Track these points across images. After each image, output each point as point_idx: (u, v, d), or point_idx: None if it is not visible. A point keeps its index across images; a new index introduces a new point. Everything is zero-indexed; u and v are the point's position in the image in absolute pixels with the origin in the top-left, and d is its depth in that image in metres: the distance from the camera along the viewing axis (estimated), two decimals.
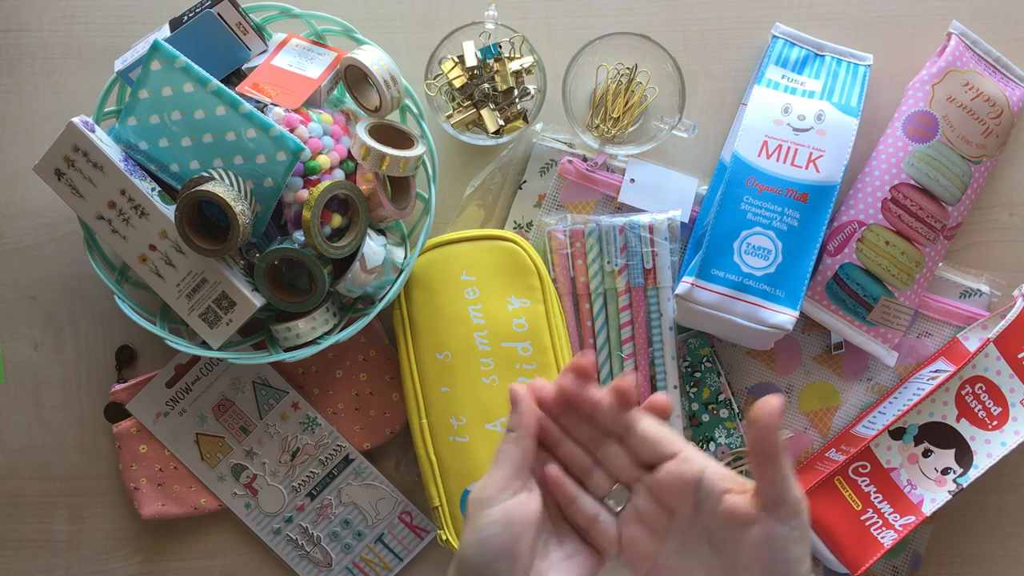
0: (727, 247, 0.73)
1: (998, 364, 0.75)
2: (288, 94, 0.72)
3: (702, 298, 0.73)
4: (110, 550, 0.83)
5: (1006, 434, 0.75)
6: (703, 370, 0.79)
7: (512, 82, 0.78)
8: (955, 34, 0.79)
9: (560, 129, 0.81)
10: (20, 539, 0.82)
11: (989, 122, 0.78)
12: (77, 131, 0.70)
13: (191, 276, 0.72)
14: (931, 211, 0.76)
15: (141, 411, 0.80)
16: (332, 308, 0.75)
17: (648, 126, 0.81)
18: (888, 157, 0.77)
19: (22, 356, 0.82)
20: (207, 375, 0.80)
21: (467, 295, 0.77)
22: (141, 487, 0.80)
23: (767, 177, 0.74)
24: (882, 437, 0.75)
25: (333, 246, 0.70)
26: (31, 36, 0.83)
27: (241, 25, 0.73)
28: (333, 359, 0.81)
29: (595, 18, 0.83)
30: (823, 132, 0.75)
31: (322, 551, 0.81)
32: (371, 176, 0.72)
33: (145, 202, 0.71)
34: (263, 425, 0.81)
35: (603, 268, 0.79)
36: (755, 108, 0.76)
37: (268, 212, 0.71)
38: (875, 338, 0.77)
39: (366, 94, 0.76)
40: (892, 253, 0.76)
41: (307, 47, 0.76)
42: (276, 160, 0.69)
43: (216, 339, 0.73)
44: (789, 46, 0.80)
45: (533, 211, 0.81)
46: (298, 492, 0.81)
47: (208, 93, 0.69)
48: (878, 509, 0.75)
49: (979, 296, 0.80)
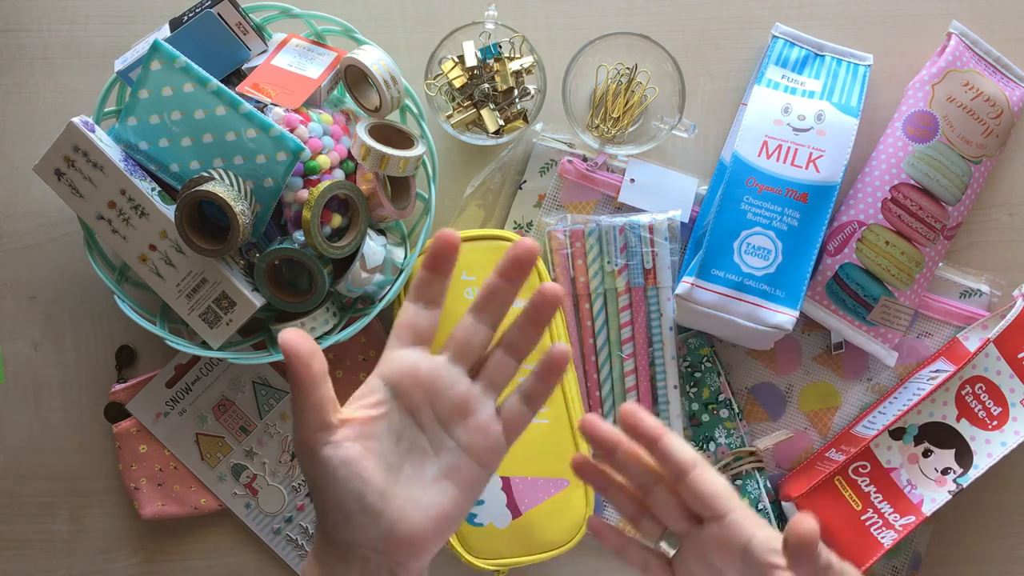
0: (727, 247, 0.73)
1: (998, 364, 0.75)
2: (288, 94, 0.72)
3: (702, 298, 0.73)
4: (110, 550, 0.83)
5: (1006, 434, 0.75)
6: (703, 370, 0.79)
7: (512, 82, 0.78)
8: (955, 34, 0.79)
9: (560, 129, 0.81)
10: (20, 539, 0.82)
11: (989, 122, 0.78)
12: (77, 131, 0.70)
13: (191, 276, 0.72)
14: (931, 211, 0.76)
15: (141, 411, 0.80)
16: (332, 308, 0.75)
17: (648, 126, 0.81)
18: (888, 157, 0.77)
19: (22, 356, 0.82)
20: (207, 375, 0.80)
21: (467, 295, 0.77)
22: (141, 487, 0.80)
23: (767, 177, 0.74)
24: (882, 437, 0.75)
25: (333, 246, 0.70)
26: (31, 36, 0.83)
27: (241, 25, 0.73)
28: (333, 359, 0.81)
29: (595, 18, 0.83)
30: (823, 132, 0.75)
31: None
32: (371, 176, 0.72)
33: (145, 202, 0.71)
34: (263, 425, 0.81)
35: (603, 268, 0.79)
36: (755, 108, 0.76)
37: (268, 212, 0.71)
38: (875, 338, 0.77)
39: (366, 94, 0.76)
40: (892, 253, 0.76)
41: (307, 47, 0.76)
42: (276, 160, 0.69)
43: (216, 339, 0.73)
44: (789, 46, 0.80)
45: (533, 211, 0.81)
46: (298, 492, 0.81)
47: (208, 93, 0.69)
48: (878, 509, 0.75)
49: (979, 296, 0.80)
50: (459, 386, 0.49)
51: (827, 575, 0.47)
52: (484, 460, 0.49)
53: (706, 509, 0.50)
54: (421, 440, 0.49)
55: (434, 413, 0.49)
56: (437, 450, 0.49)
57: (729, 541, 0.49)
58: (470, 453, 0.49)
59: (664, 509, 0.52)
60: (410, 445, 0.49)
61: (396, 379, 0.49)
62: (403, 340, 0.50)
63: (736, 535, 0.49)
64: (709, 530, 0.50)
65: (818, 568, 0.46)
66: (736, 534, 0.49)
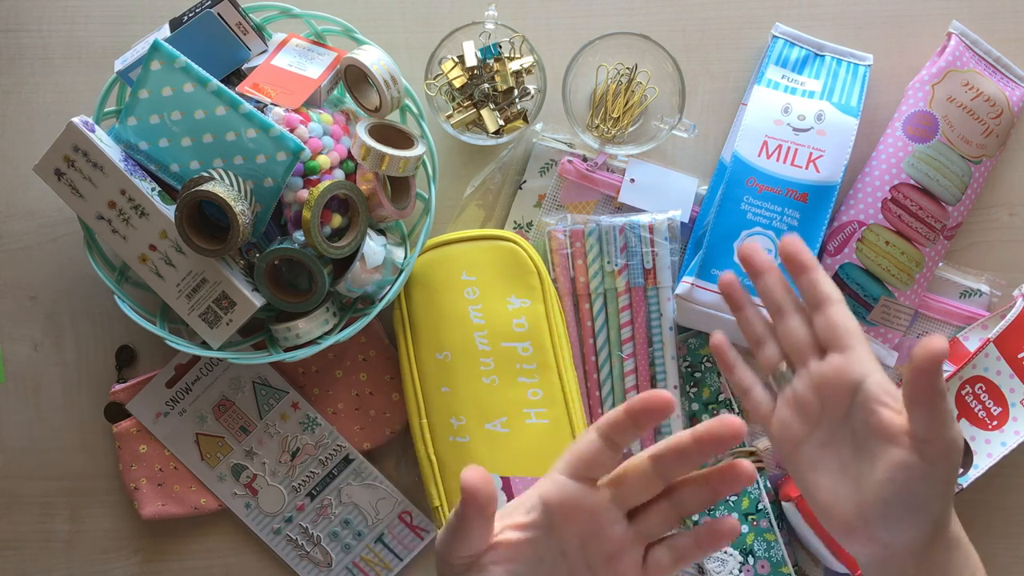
0: (727, 247, 0.73)
1: (998, 364, 0.75)
2: (288, 94, 0.72)
3: (702, 298, 0.73)
4: (110, 550, 0.83)
5: (1006, 434, 0.75)
6: (703, 370, 0.79)
7: (512, 82, 0.78)
8: (955, 34, 0.79)
9: (560, 129, 0.81)
10: (20, 539, 0.82)
11: (989, 122, 0.78)
12: (77, 131, 0.70)
13: (191, 276, 0.72)
14: (931, 211, 0.76)
15: (141, 411, 0.80)
16: (332, 308, 0.75)
17: (648, 126, 0.81)
18: (888, 157, 0.77)
19: (22, 356, 0.82)
20: (207, 375, 0.80)
21: (467, 295, 0.77)
22: (141, 487, 0.80)
23: (767, 177, 0.74)
24: None
25: (333, 246, 0.70)
26: (31, 36, 0.83)
27: (241, 25, 0.73)
28: (333, 359, 0.81)
29: (595, 18, 0.83)
30: (823, 132, 0.75)
31: (322, 551, 0.81)
32: (371, 176, 0.72)
33: (145, 202, 0.71)
34: (263, 425, 0.81)
35: (603, 268, 0.79)
36: (755, 108, 0.76)
37: (268, 212, 0.71)
38: (875, 338, 0.77)
39: (366, 94, 0.76)
40: (892, 253, 0.76)
41: (307, 47, 0.76)
42: (276, 160, 0.69)
43: (216, 339, 0.73)
44: (789, 46, 0.80)
45: (533, 211, 0.81)
46: (298, 492, 0.81)
47: (208, 93, 0.69)
48: None
49: (979, 296, 0.80)
50: (615, 529, 0.49)
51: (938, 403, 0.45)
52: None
53: (836, 340, 0.50)
54: (561, 569, 0.49)
55: (583, 549, 0.49)
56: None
57: (849, 373, 0.49)
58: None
59: (792, 337, 0.52)
60: (550, 571, 0.49)
61: (556, 507, 0.49)
62: (575, 471, 0.49)
63: (856, 369, 0.49)
64: (831, 361, 0.50)
65: (935, 389, 0.45)
66: (857, 368, 0.49)
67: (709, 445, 0.47)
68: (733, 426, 0.46)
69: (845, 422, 0.50)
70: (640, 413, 0.47)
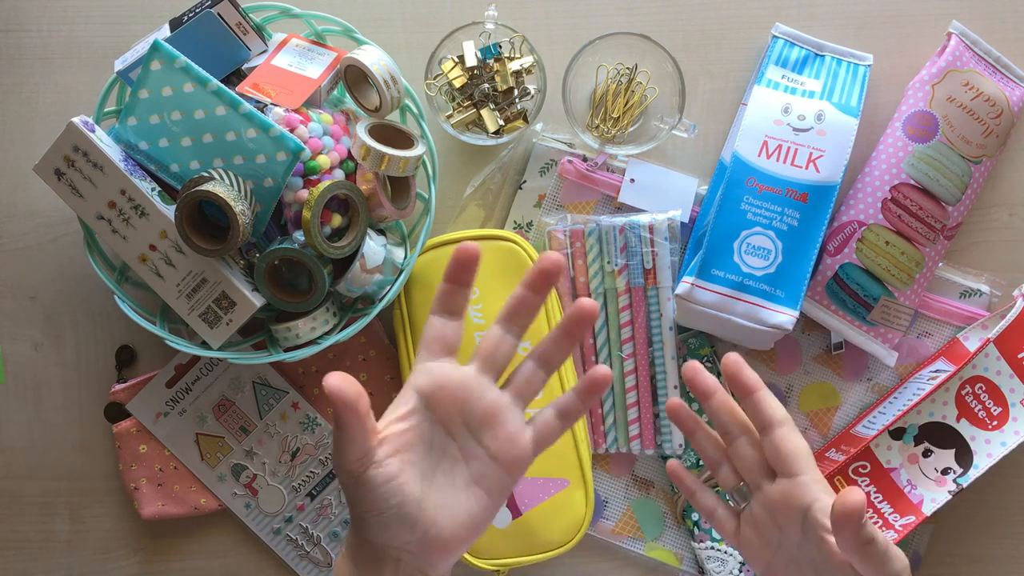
0: (727, 247, 0.73)
1: (998, 364, 0.75)
2: (288, 94, 0.72)
3: (702, 298, 0.73)
4: (110, 550, 0.83)
5: (1006, 434, 0.75)
6: None
7: (512, 82, 0.78)
8: (955, 34, 0.79)
9: (560, 129, 0.81)
10: (20, 539, 0.82)
11: (989, 122, 0.78)
12: (77, 131, 0.70)
13: (191, 276, 0.72)
14: (931, 211, 0.76)
15: (141, 411, 0.80)
16: (332, 308, 0.75)
17: (648, 126, 0.81)
18: (888, 157, 0.77)
19: (22, 356, 0.82)
20: (207, 375, 0.80)
21: None
22: (141, 487, 0.80)
23: (767, 177, 0.74)
24: (882, 437, 0.75)
25: (333, 246, 0.70)
26: (31, 36, 0.83)
27: (241, 25, 0.73)
28: (333, 359, 0.81)
29: (595, 18, 0.83)
30: (823, 132, 0.75)
31: (322, 551, 0.81)
32: (371, 176, 0.72)
33: (145, 202, 0.71)
34: (263, 425, 0.81)
35: (603, 268, 0.79)
36: (755, 108, 0.76)
37: (268, 212, 0.71)
38: (875, 338, 0.77)
39: (366, 94, 0.76)
40: (892, 253, 0.76)
41: (307, 47, 0.76)
42: (276, 160, 0.69)
43: (216, 339, 0.73)
44: (789, 46, 0.80)
45: (533, 211, 0.81)
46: (298, 492, 0.81)
47: (208, 93, 0.69)
48: (878, 509, 0.75)
49: (979, 296, 0.80)
50: (488, 395, 0.51)
51: (867, 549, 0.48)
52: (511, 468, 0.51)
53: (782, 465, 0.52)
54: (451, 448, 0.51)
55: (464, 422, 0.51)
56: (467, 457, 0.51)
57: (795, 500, 0.51)
58: (498, 461, 0.51)
59: (743, 460, 0.55)
60: (441, 453, 0.51)
61: (428, 390, 0.51)
62: (433, 352, 0.51)
63: (803, 495, 0.51)
64: (780, 486, 0.52)
65: (859, 540, 0.47)
66: (803, 494, 0.51)
67: (539, 283, 0.50)
68: (549, 256, 0.50)
69: (802, 544, 0.52)
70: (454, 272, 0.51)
